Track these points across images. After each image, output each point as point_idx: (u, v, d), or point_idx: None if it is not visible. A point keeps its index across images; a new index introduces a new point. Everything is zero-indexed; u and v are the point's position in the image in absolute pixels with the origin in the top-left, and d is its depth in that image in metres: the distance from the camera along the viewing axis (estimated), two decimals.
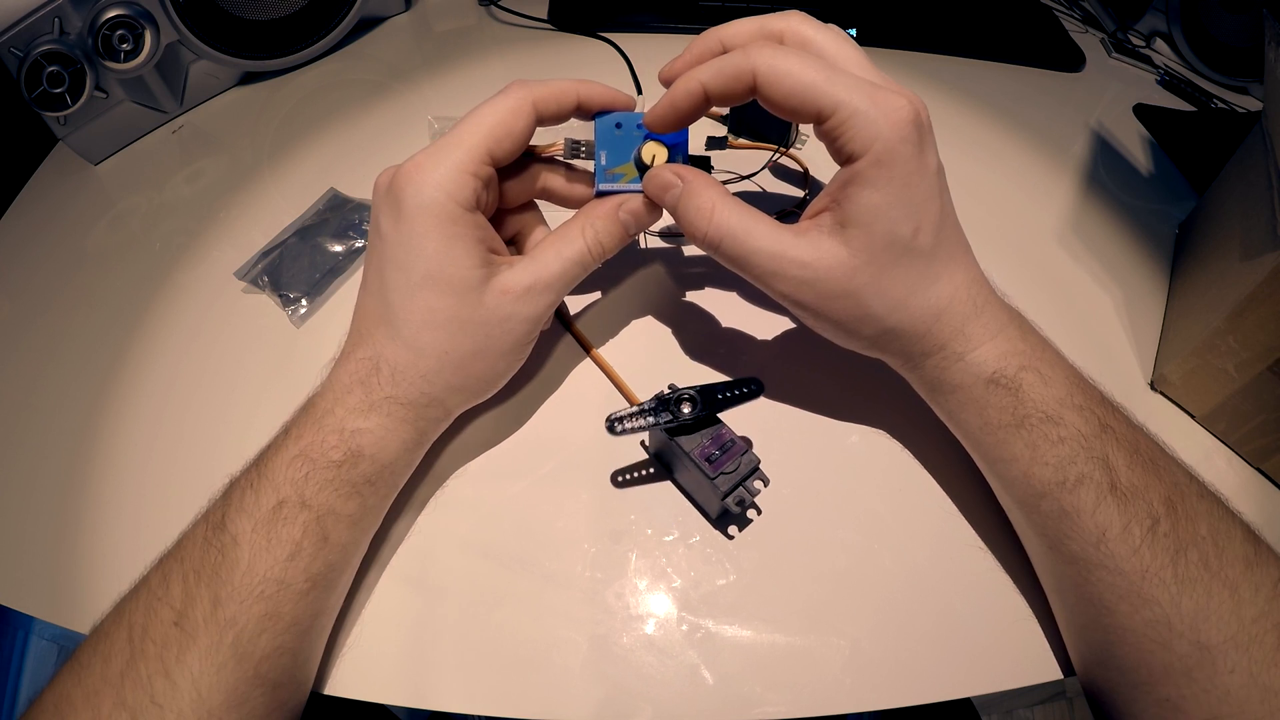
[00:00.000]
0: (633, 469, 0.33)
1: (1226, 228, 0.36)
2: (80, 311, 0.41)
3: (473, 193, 0.28)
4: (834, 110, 0.25)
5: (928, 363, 0.28)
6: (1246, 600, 0.23)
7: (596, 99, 0.30)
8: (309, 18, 0.53)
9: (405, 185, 0.27)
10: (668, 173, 0.29)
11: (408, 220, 0.27)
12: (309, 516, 0.26)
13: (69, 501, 0.33)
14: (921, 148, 0.26)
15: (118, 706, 0.22)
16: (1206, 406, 0.35)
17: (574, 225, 0.30)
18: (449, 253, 0.27)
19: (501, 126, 0.28)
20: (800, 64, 0.26)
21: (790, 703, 0.28)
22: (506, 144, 0.28)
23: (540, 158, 0.32)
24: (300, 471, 0.26)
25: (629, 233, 0.31)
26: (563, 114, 0.30)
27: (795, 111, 0.26)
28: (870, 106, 0.25)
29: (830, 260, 0.27)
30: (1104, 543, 0.25)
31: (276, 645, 0.24)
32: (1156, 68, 0.57)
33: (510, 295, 0.29)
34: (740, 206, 0.28)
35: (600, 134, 0.31)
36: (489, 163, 0.28)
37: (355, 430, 0.27)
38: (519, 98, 0.29)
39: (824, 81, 0.25)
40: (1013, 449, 0.27)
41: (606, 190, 0.31)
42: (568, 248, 0.30)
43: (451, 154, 0.27)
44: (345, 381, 0.28)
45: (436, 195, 0.27)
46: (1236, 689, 0.22)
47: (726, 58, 0.27)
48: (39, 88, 0.42)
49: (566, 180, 0.33)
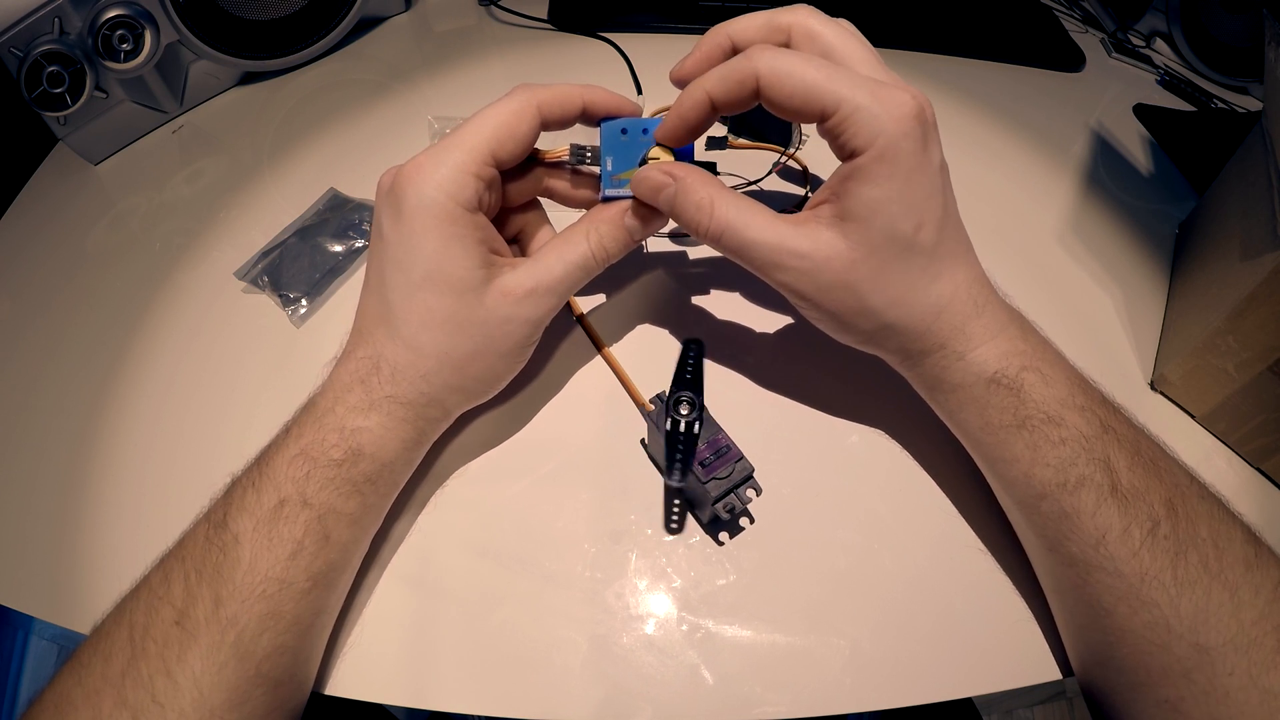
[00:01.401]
0: (670, 511, 0.32)
1: (1226, 228, 0.36)
2: (80, 311, 0.41)
3: (474, 193, 0.28)
4: (836, 107, 0.25)
5: (928, 361, 0.28)
6: (1246, 602, 0.23)
7: (602, 104, 0.30)
8: (309, 18, 0.53)
9: (406, 185, 0.27)
10: (656, 173, 0.29)
11: (408, 220, 0.27)
12: (310, 515, 0.26)
13: (69, 501, 0.33)
14: (925, 144, 0.26)
15: (119, 706, 0.22)
16: (1206, 406, 0.35)
17: (578, 229, 0.30)
18: (449, 253, 0.27)
19: (505, 129, 0.28)
20: (802, 64, 0.26)
21: (790, 703, 0.28)
22: (509, 146, 0.28)
23: (545, 162, 0.32)
24: (301, 470, 0.26)
25: (634, 238, 0.31)
26: (567, 118, 0.30)
27: (799, 112, 0.26)
28: (873, 102, 0.25)
29: (828, 251, 0.27)
30: (1104, 545, 0.25)
31: (278, 644, 0.24)
32: (1156, 68, 0.57)
33: (511, 297, 0.28)
34: (738, 199, 0.28)
35: (606, 139, 0.31)
36: (491, 164, 0.28)
37: (356, 429, 0.27)
38: (523, 100, 0.28)
39: (825, 80, 0.25)
40: (1014, 450, 0.27)
41: (612, 196, 0.31)
42: (571, 252, 0.29)
43: (453, 154, 0.27)
44: (345, 380, 0.28)
45: (437, 195, 0.27)
46: (1236, 691, 0.22)
47: (729, 64, 0.27)
48: (39, 88, 0.42)
49: (572, 185, 0.33)
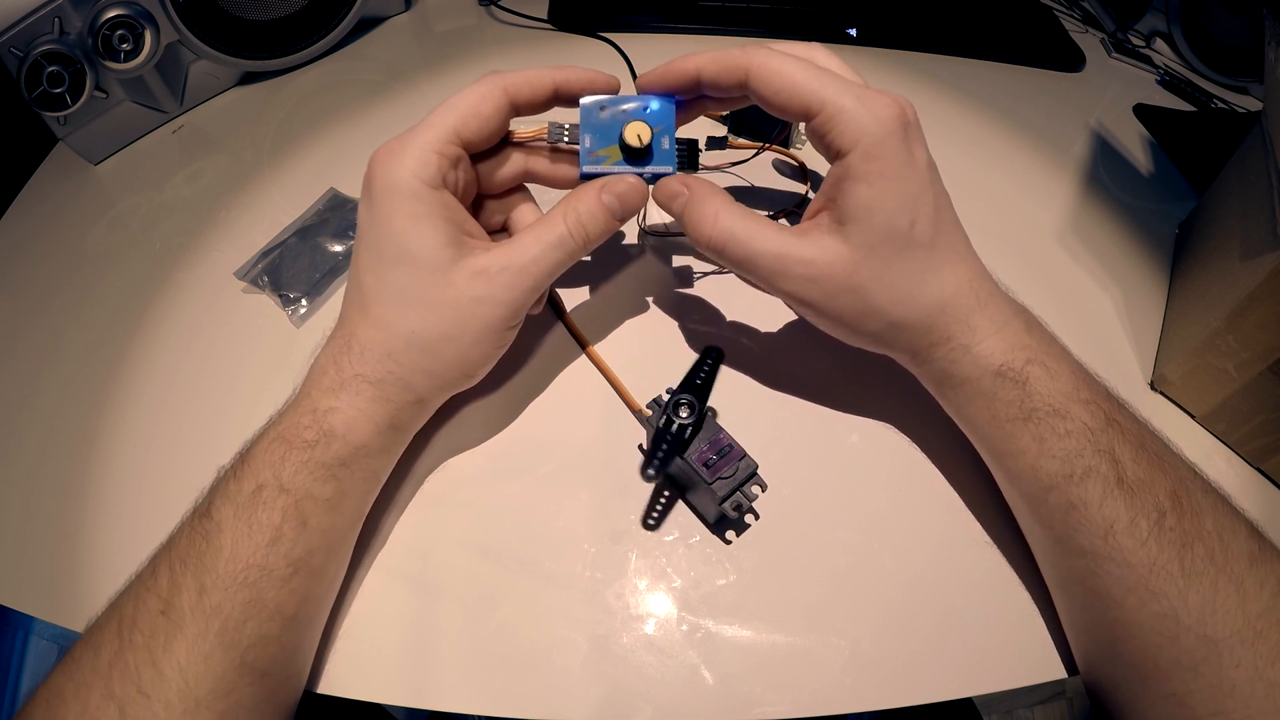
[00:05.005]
0: (653, 507, 0.32)
1: (1226, 228, 0.36)
2: (80, 311, 0.41)
3: (437, 170, 0.28)
4: (821, 107, 0.27)
5: (935, 355, 0.29)
6: (1252, 595, 0.23)
7: (576, 82, 0.31)
8: (309, 18, 0.53)
9: (375, 169, 0.28)
10: (675, 182, 0.30)
11: (377, 201, 0.28)
12: (287, 501, 0.26)
13: (69, 501, 0.33)
14: (908, 142, 0.27)
15: (106, 698, 0.22)
16: (1206, 406, 0.35)
17: (556, 210, 0.30)
18: (415, 230, 0.28)
19: (469, 109, 0.29)
20: (792, 64, 0.27)
21: (790, 703, 0.28)
22: (474, 124, 0.29)
23: (518, 142, 0.32)
24: (278, 454, 0.26)
25: (614, 216, 0.30)
26: (538, 99, 0.30)
27: (785, 108, 0.28)
28: (856, 104, 0.26)
29: (832, 256, 0.27)
30: (1112, 535, 0.25)
31: (262, 633, 0.24)
32: (1156, 68, 0.57)
33: (483, 277, 0.28)
34: (743, 211, 0.29)
35: (585, 116, 0.31)
36: (456, 143, 0.29)
37: (327, 409, 0.27)
38: (489, 83, 0.29)
39: (813, 80, 0.27)
40: (1020, 442, 0.27)
41: (591, 173, 0.31)
42: (547, 232, 0.29)
43: (417, 136, 0.28)
44: (321, 363, 0.29)
45: (401, 174, 0.28)
46: (1242, 684, 0.22)
47: (725, 51, 0.29)
48: (39, 88, 0.42)
49: (551, 164, 0.33)
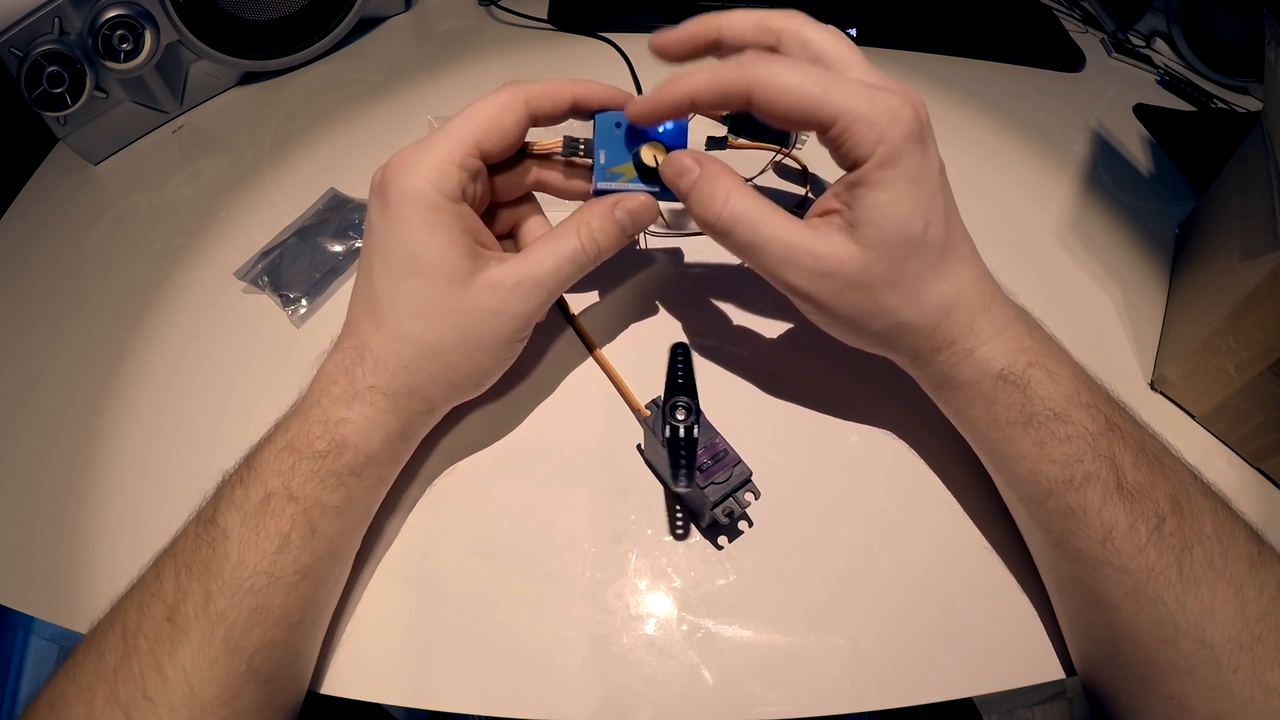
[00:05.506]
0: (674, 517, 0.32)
1: (1226, 228, 0.36)
2: (80, 311, 0.41)
3: (457, 183, 0.28)
4: (834, 119, 0.26)
5: (937, 358, 0.28)
6: (1250, 599, 0.23)
7: (594, 98, 0.30)
8: (309, 18, 0.53)
9: (391, 176, 0.28)
10: (686, 158, 0.29)
11: (393, 209, 0.28)
12: (296, 509, 0.26)
13: (69, 501, 0.33)
14: (924, 145, 0.26)
15: (110, 703, 0.22)
16: (1206, 406, 0.35)
17: (569, 223, 0.30)
18: (432, 241, 0.27)
19: (490, 120, 0.28)
20: (796, 77, 0.26)
21: (790, 703, 0.28)
22: (494, 137, 0.29)
23: (537, 155, 0.32)
24: (287, 463, 0.26)
25: (625, 232, 0.31)
26: (557, 112, 0.30)
27: (798, 125, 0.27)
28: (871, 110, 0.25)
29: (843, 254, 0.27)
30: (1110, 540, 0.25)
31: (268, 639, 0.24)
32: (1156, 68, 0.57)
33: (499, 289, 0.28)
34: (755, 194, 0.28)
35: (599, 132, 0.31)
36: (476, 155, 0.28)
37: (339, 420, 0.27)
38: (510, 94, 0.29)
39: (822, 93, 0.26)
40: (1020, 446, 0.27)
41: (604, 189, 0.31)
42: (561, 246, 0.29)
43: (437, 145, 0.28)
44: (331, 371, 0.28)
45: (419, 184, 0.27)
46: (1240, 688, 0.22)
47: (721, 71, 0.27)
48: (39, 88, 0.42)
49: (564, 177, 0.33)
